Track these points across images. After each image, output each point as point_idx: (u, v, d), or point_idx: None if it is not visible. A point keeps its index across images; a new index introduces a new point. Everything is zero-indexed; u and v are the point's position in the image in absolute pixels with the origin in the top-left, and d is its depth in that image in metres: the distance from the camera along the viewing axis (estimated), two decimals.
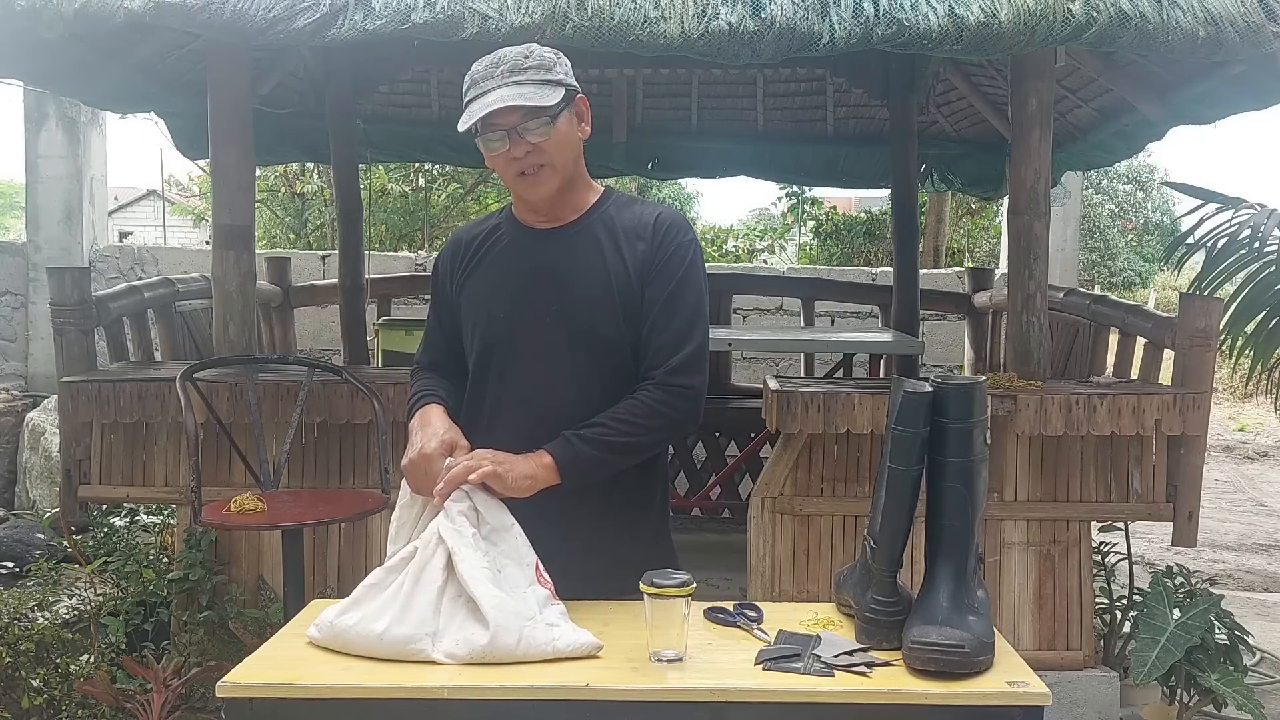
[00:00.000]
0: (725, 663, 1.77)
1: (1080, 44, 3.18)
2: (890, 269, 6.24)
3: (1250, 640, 3.99)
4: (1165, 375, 3.96)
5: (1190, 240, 4.69)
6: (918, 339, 5.65)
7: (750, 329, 7.09)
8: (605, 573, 2.03)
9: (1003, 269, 6.65)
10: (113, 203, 13.27)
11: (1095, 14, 3.04)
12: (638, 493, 2.14)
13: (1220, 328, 3.98)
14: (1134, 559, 4.48)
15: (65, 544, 4.38)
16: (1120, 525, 4.18)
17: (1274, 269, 4.39)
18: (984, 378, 2.88)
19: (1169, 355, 3.90)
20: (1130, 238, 21.04)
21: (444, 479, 1.89)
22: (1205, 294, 4.39)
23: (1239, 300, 4.46)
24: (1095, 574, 3.99)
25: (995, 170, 6.25)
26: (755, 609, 2.00)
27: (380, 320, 6.25)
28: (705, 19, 3.01)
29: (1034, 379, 3.76)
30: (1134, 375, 4.14)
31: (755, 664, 1.75)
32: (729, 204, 73.43)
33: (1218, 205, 4.61)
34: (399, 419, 3.52)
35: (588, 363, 2.07)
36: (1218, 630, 3.74)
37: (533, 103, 1.96)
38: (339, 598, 1.90)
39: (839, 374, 5.58)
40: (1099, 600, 4.04)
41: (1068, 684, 3.67)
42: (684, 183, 19.20)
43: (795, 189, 13.22)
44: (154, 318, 4.56)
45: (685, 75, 6.25)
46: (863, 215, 14.50)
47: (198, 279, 4.87)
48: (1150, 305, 7.68)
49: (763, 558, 3.68)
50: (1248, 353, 4.61)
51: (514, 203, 2.18)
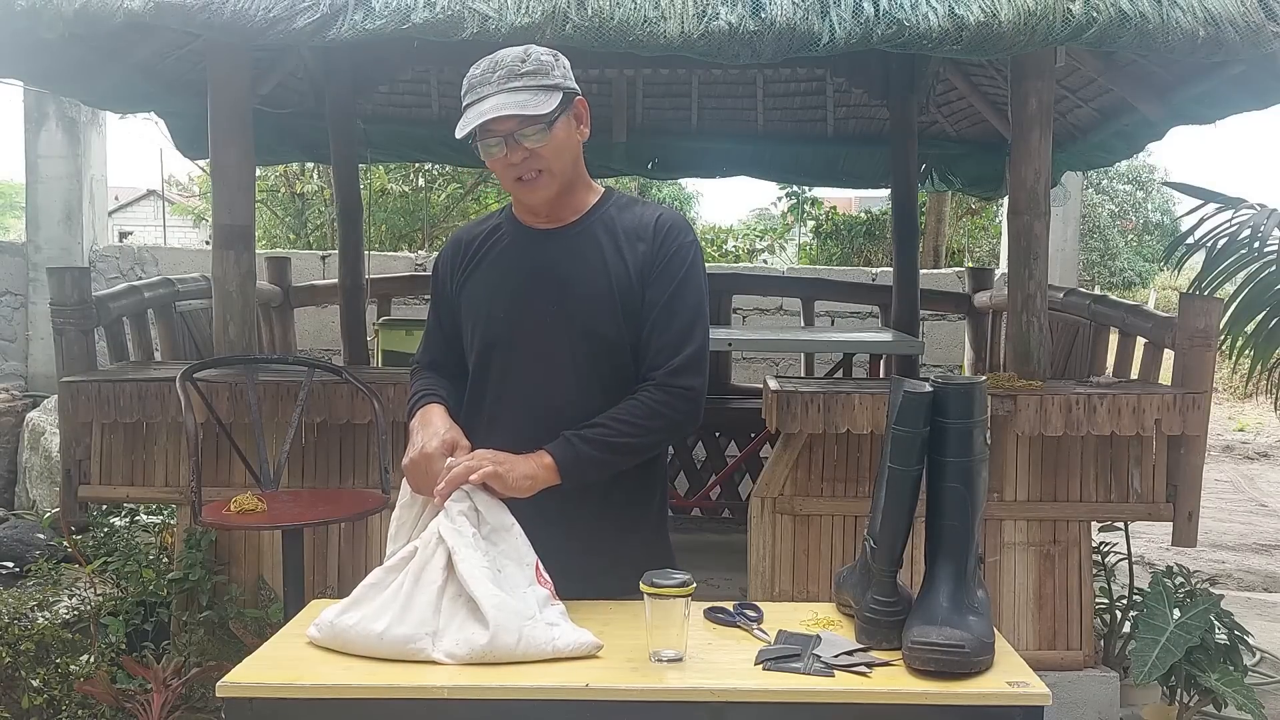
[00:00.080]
0: (725, 663, 1.77)
1: (1080, 44, 3.18)
2: (890, 269, 6.24)
3: (1250, 640, 3.99)
4: (1165, 375, 3.96)
5: (1190, 240, 4.69)
6: (918, 339, 5.65)
7: (750, 329, 7.09)
8: (605, 572, 2.03)
9: (1003, 269, 6.65)
10: (113, 203, 13.29)
11: (1095, 14, 3.04)
12: (638, 492, 2.14)
13: (1220, 328, 3.98)
14: (1134, 559, 4.48)
15: (65, 544, 4.38)
16: (1120, 525, 4.18)
17: (1274, 269, 4.39)
18: (984, 378, 2.88)
19: (1169, 355, 3.90)
20: (1130, 238, 21.03)
21: (445, 479, 1.89)
22: (1205, 294, 4.39)
23: (1239, 300, 4.46)
24: (1095, 574, 3.99)
25: (995, 170, 6.25)
26: (755, 609, 2.01)
27: (380, 320, 6.25)
28: (705, 19, 3.00)
29: (1034, 379, 3.76)
30: (1134, 375, 4.14)
31: (755, 664, 1.75)
32: (729, 204, 73.56)
33: (1218, 205, 4.61)
34: (399, 419, 3.53)
35: (588, 363, 2.06)
36: (1218, 630, 3.75)
37: (527, 111, 1.95)
38: (339, 598, 1.90)
39: (839, 374, 5.58)
40: (1099, 600, 4.04)
41: (1068, 684, 3.67)
42: (684, 183, 19.19)
43: (795, 189, 13.21)
44: (154, 318, 4.56)
45: (685, 75, 6.25)
46: (863, 215, 14.50)
47: (198, 279, 4.87)
48: (1150, 305, 7.67)
49: (763, 558, 3.68)
50: (1248, 353, 4.61)
51: (514, 203, 2.17)
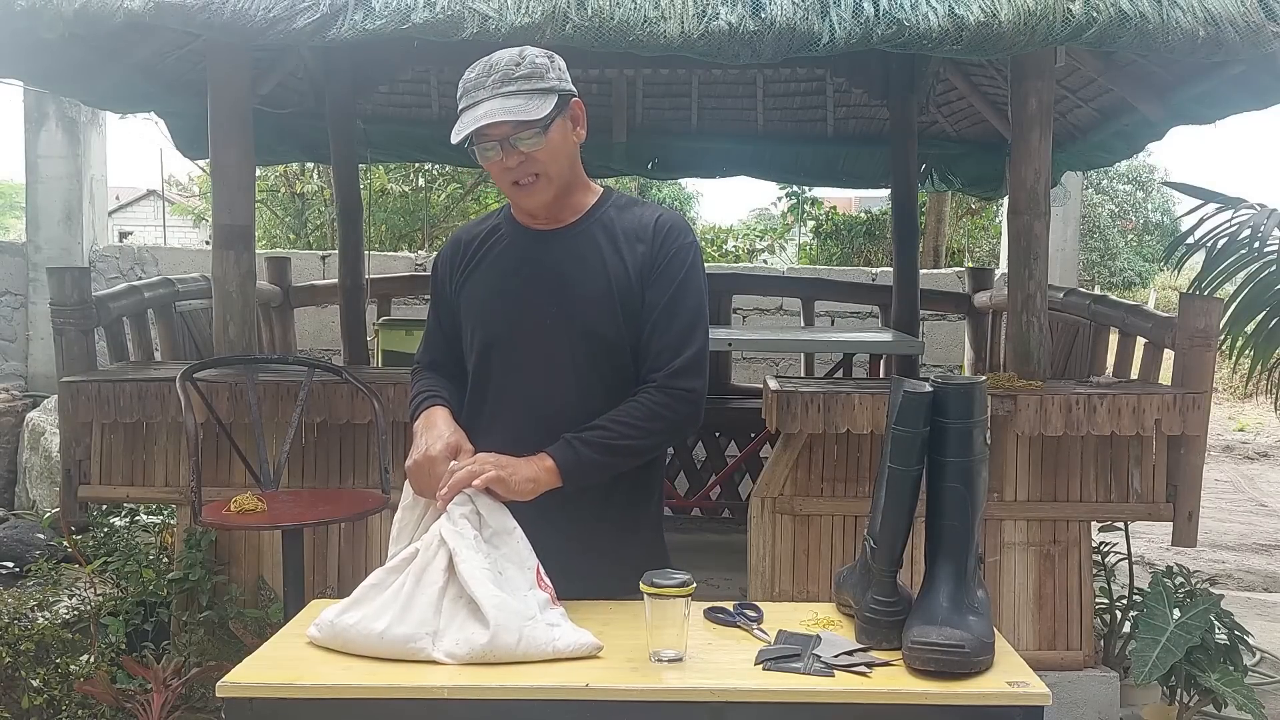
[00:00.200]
0: (725, 663, 1.77)
1: (1080, 44, 3.18)
2: (890, 269, 6.24)
3: (1250, 640, 3.99)
4: (1165, 375, 3.96)
5: (1190, 240, 4.69)
6: (918, 339, 5.65)
7: (750, 329, 7.09)
8: (605, 572, 2.03)
9: (1003, 269, 6.65)
10: (113, 203, 13.28)
11: (1095, 14, 3.04)
12: (637, 493, 2.15)
13: (1220, 328, 3.98)
14: (1134, 559, 4.48)
15: (65, 544, 4.38)
16: (1120, 525, 4.18)
17: (1274, 269, 4.39)
18: (984, 378, 2.88)
19: (1169, 355, 3.90)
20: (1130, 238, 21.03)
21: (447, 483, 1.89)
22: (1205, 294, 4.39)
23: (1239, 300, 4.46)
24: (1095, 574, 3.99)
25: (995, 170, 6.25)
26: (755, 609, 2.01)
27: (380, 320, 6.25)
28: (705, 19, 3.00)
29: (1034, 379, 3.76)
30: (1134, 375, 4.14)
31: (755, 664, 1.75)
32: (729, 204, 73.57)
33: (1218, 205, 4.61)
34: (399, 419, 3.53)
35: (588, 363, 2.06)
36: (1218, 630, 3.75)
37: (521, 116, 1.94)
38: (339, 598, 1.90)
39: (839, 374, 5.58)
40: (1099, 600, 4.04)
41: (1068, 684, 3.66)
42: (684, 183, 19.18)
43: (795, 189, 13.21)
44: (154, 318, 4.56)
45: (685, 75, 6.25)
46: (863, 215, 14.50)
47: (198, 279, 4.87)
48: (1150, 305, 7.68)
49: (763, 558, 3.68)
50: (1248, 353, 4.61)
51: (511, 205, 2.18)
